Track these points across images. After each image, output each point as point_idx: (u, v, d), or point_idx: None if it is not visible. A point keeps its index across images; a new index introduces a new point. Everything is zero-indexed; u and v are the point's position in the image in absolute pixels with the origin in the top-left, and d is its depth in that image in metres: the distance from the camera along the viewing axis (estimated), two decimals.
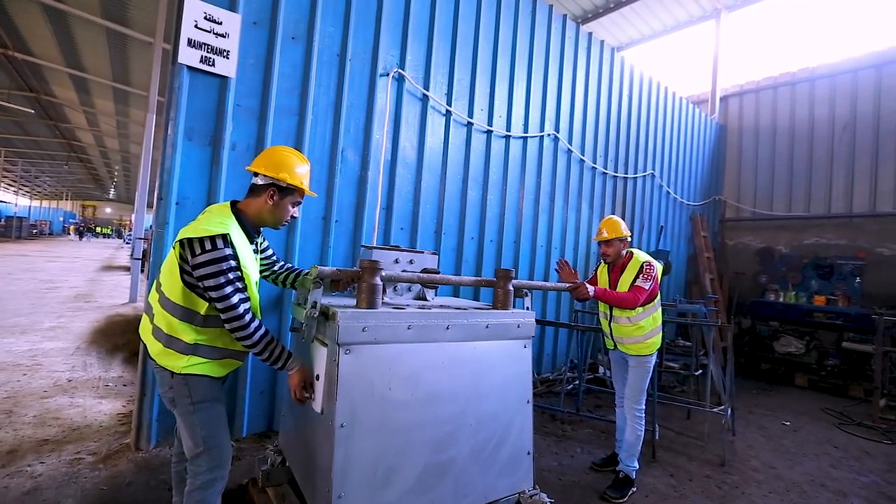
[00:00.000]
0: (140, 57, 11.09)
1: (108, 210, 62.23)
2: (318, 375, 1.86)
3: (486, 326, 2.11)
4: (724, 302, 7.46)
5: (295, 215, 1.86)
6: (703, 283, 7.25)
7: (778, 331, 6.91)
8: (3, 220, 31.46)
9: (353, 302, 1.99)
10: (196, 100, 2.74)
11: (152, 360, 1.73)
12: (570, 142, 5.27)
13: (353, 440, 1.72)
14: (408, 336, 1.88)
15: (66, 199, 53.84)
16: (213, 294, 1.59)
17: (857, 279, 6.74)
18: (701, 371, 4.63)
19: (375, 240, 3.52)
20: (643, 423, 2.91)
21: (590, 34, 5.55)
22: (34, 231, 35.84)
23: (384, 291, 2.30)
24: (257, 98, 2.97)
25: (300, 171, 1.81)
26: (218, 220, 1.66)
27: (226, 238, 1.61)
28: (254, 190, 1.79)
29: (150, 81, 8.56)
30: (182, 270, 1.64)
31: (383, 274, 1.97)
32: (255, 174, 1.78)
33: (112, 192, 48.23)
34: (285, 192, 1.78)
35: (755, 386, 5.96)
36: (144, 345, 1.79)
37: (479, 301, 3.89)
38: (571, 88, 5.29)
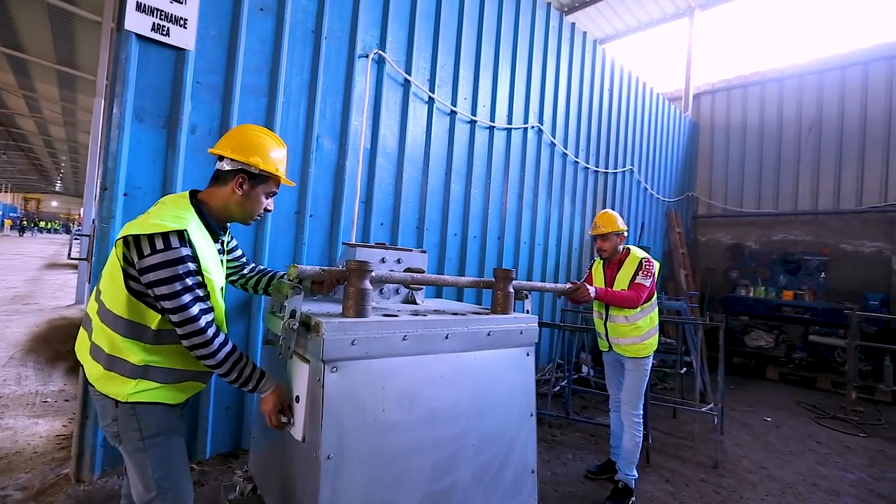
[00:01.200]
0: (87, 38, 10.18)
1: (55, 203, 58.16)
2: (297, 397, 1.58)
3: (488, 334, 1.89)
4: (698, 297, 7.57)
5: (269, 208, 1.57)
6: (678, 279, 7.32)
7: (749, 325, 7.06)
8: None
9: (336, 308, 1.72)
10: (147, 75, 2.37)
11: (91, 386, 1.41)
12: (553, 135, 5.12)
13: (341, 473, 1.46)
14: (403, 348, 1.63)
15: (6, 192, 49.85)
16: (167, 304, 1.29)
17: (822, 274, 6.96)
18: (686, 369, 4.60)
19: (354, 236, 3.23)
20: (641, 428, 2.78)
21: (573, 24, 5.40)
22: None
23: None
24: (220, 75, 2.62)
25: (275, 155, 1.51)
26: (173, 214, 1.35)
27: (182, 235, 1.31)
28: (219, 177, 1.49)
29: (98, 64, 7.83)
30: (127, 275, 1.32)
31: (373, 276, 1.72)
32: (221, 158, 1.48)
33: (59, 184, 45.01)
34: (257, 179, 1.49)
35: (730, 380, 6.03)
36: (82, 366, 1.46)
37: (463, 302, 3.67)
38: (555, 80, 5.13)
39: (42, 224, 47.18)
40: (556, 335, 5.12)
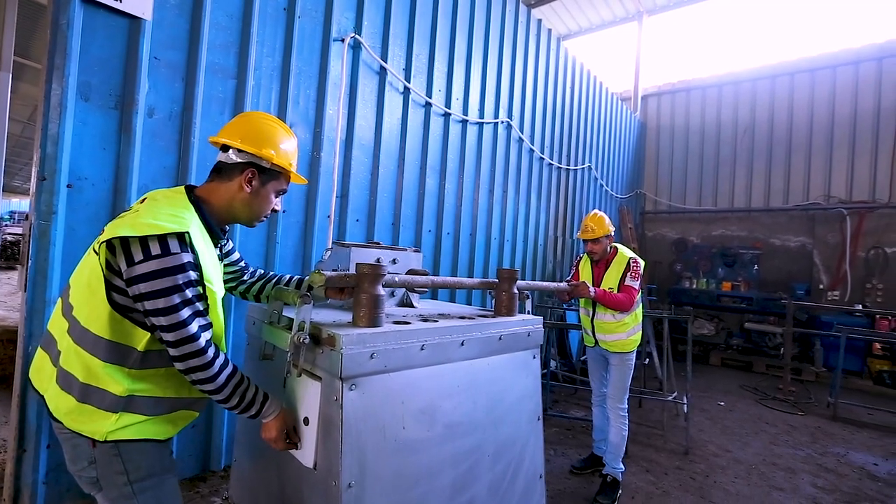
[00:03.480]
0: (45, 26, 8.80)
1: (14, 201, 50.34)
2: (306, 419, 1.41)
3: (500, 338, 1.80)
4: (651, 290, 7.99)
5: (277, 208, 1.37)
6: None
7: (693, 315, 7.56)
8: None
9: (342, 317, 1.55)
10: (95, 46, 2.02)
11: (57, 422, 1.16)
12: (521, 130, 5.12)
13: (363, 503, 1.31)
14: (421, 359, 1.50)
15: None
16: (162, 320, 1.07)
17: (756, 267, 7.59)
18: (647, 360, 4.81)
19: (331, 233, 3.01)
20: (627, 422, 2.84)
21: (539, 21, 5.42)
22: None
23: None
24: (182, 51, 2.30)
25: (287, 147, 1.32)
26: (170, 212, 1.13)
27: (184, 239, 1.10)
28: (221, 171, 1.27)
29: (3, 34, 6.77)
30: (111, 286, 1.09)
31: (386, 280, 1.57)
32: (224, 149, 1.26)
33: (17, 182, 39.01)
34: (268, 175, 1.29)
35: (680, 367, 6.41)
36: (41, 397, 1.20)
37: (455, 303, 3.57)
38: (523, 75, 5.12)
39: None
40: None
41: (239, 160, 1.25)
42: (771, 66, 7.75)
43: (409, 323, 1.56)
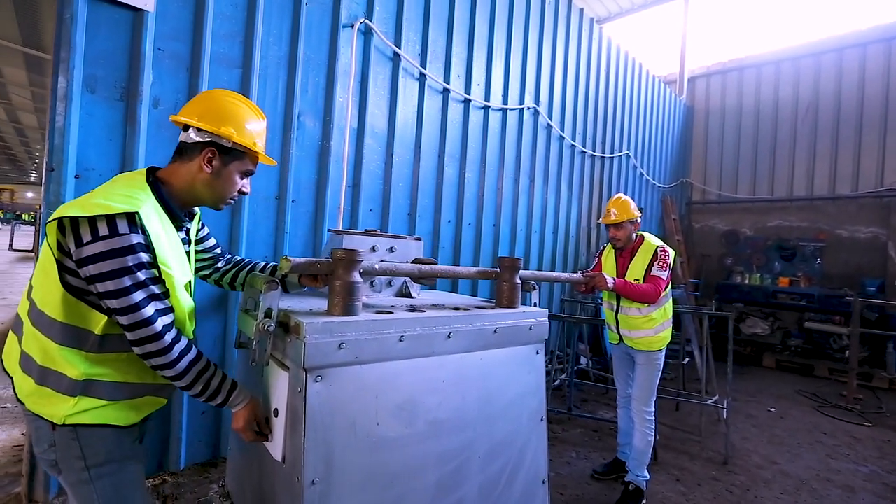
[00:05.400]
0: (52, 15, 9.55)
1: (30, 195, 56.13)
2: (276, 410, 1.35)
3: (495, 331, 1.67)
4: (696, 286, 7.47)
5: (244, 190, 1.32)
6: (675, 266, 7.19)
7: (744, 312, 6.99)
8: None
9: (320, 305, 1.48)
10: (99, 39, 2.06)
11: (21, 404, 1.16)
12: (549, 117, 4.88)
13: (329, 501, 1.23)
14: (399, 351, 1.40)
15: None
16: (114, 303, 1.04)
17: (818, 260, 6.89)
18: (688, 360, 4.46)
19: (341, 223, 2.98)
20: (653, 426, 2.61)
21: (569, 1, 5.13)
22: None
23: None
24: (187, 42, 2.32)
25: (253, 127, 1.26)
26: (122, 193, 1.09)
27: (133, 219, 1.05)
28: (183, 151, 1.23)
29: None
30: (62, 268, 1.07)
31: (376, 268, 1.48)
32: (186, 128, 1.22)
33: (34, 174, 43.38)
34: (230, 155, 1.23)
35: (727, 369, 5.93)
36: (11, 379, 1.20)
37: (458, 293, 3.45)
38: (551, 59, 4.88)
39: (26, 217, 45.34)
40: (555, 326, 4.95)
41: (198, 139, 1.19)
42: (837, 38, 6.97)
43: (390, 313, 1.46)
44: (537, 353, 1.85)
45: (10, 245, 7.27)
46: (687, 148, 8.32)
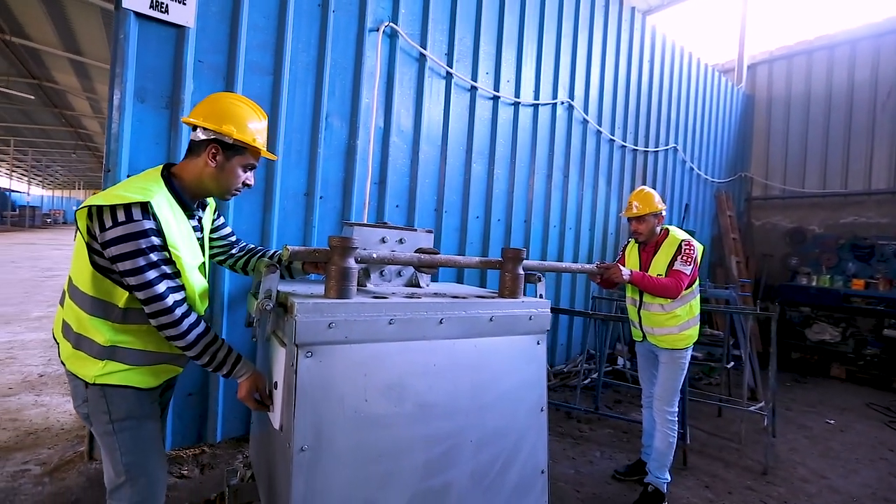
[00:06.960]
0: (88, 22, 10.55)
1: None
2: (276, 383, 1.47)
3: (490, 319, 1.70)
4: (751, 286, 6.95)
5: (248, 182, 1.47)
6: (728, 265, 6.74)
7: (810, 317, 6.40)
8: (15, 209, 31.66)
9: (321, 289, 1.59)
10: (148, 55, 2.33)
11: (63, 364, 1.37)
12: (585, 111, 4.77)
13: (317, 468, 1.33)
14: (389, 333, 1.47)
15: (79, 189, 54.15)
16: (131, 280, 1.21)
17: None
18: (733, 363, 4.18)
19: (366, 217, 3.11)
20: (676, 427, 2.50)
21: None
22: (48, 220, 36.11)
23: (368, 276, 1.92)
24: (223, 54, 2.55)
25: (253, 125, 1.40)
26: (139, 185, 1.27)
27: (146, 207, 1.22)
28: (192, 148, 1.40)
29: None
30: (91, 249, 1.25)
31: (360, 254, 1.57)
32: (194, 127, 1.38)
33: None
34: (232, 150, 1.38)
35: (787, 377, 5.49)
36: (58, 344, 1.42)
37: (485, 288, 3.48)
38: (587, 52, 4.77)
39: None
40: (588, 324, 4.83)
41: (204, 137, 1.35)
42: None
43: (385, 297, 1.54)
44: (538, 343, 1.86)
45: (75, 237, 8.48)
46: (746, 140, 7.76)
